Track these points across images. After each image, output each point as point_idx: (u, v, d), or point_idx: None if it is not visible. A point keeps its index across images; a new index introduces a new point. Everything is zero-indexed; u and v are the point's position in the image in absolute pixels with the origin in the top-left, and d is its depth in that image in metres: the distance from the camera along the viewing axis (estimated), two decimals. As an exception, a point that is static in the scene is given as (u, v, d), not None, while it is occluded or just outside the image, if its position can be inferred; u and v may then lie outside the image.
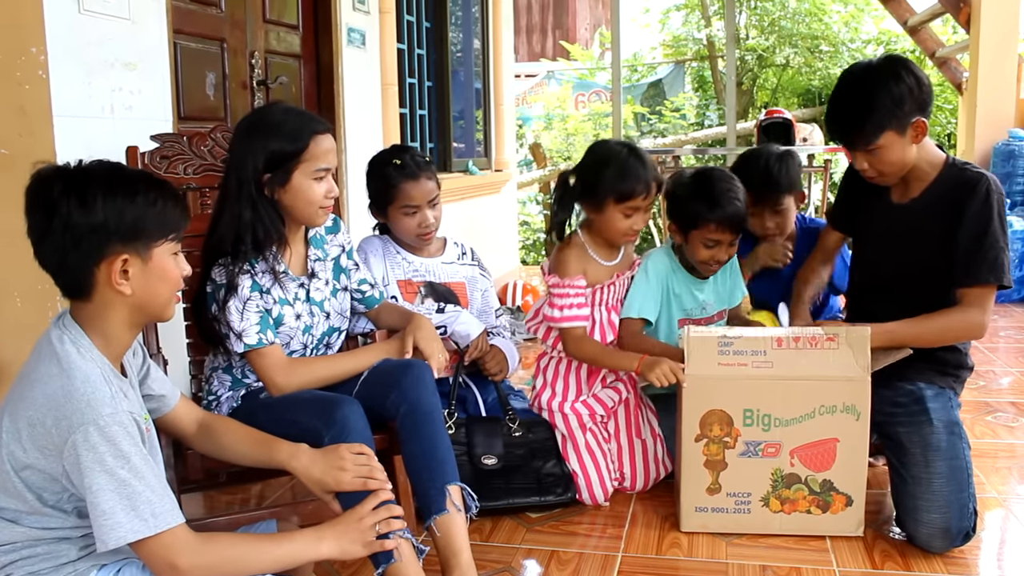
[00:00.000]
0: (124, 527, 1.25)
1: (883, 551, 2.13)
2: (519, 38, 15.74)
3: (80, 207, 1.29)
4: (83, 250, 1.31)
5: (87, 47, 2.32)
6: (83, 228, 1.29)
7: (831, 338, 2.13)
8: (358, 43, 3.95)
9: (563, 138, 12.20)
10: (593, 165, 2.35)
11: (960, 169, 2.18)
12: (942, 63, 7.18)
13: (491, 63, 6.08)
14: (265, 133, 1.88)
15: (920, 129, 2.11)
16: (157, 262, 1.37)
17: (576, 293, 2.37)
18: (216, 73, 3.07)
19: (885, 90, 2.07)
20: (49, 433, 1.26)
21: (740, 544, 2.19)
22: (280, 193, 1.90)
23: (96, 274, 1.33)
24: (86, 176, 1.32)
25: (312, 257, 2.07)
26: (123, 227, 1.31)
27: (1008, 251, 2.12)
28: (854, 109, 2.12)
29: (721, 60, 11.47)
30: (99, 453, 1.24)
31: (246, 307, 1.88)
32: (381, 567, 1.62)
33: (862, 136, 2.11)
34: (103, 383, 1.30)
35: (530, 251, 9.44)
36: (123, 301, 1.35)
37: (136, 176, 1.37)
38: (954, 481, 2.09)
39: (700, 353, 2.18)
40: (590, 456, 2.44)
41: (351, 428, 1.73)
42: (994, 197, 2.11)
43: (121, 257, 1.32)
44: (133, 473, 1.26)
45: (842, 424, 2.14)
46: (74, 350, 1.31)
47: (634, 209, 2.31)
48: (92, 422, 1.24)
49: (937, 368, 2.23)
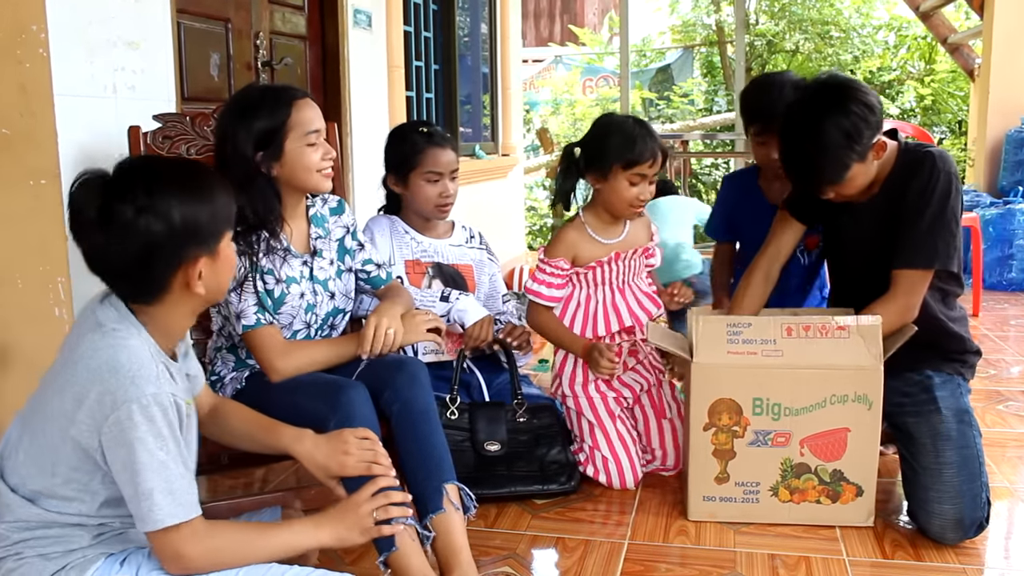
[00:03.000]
0: (163, 510, 1.24)
1: (893, 540, 2.11)
2: (527, 23, 15.64)
3: (158, 218, 1.26)
4: (162, 259, 1.29)
5: (89, 25, 2.28)
6: (163, 238, 1.27)
7: (842, 327, 2.10)
8: (364, 24, 3.91)
9: (570, 123, 12.14)
10: (599, 134, 2.37)
11: (910, 152, 2.11)
12: (954, 49, 7.11)
13: (498, 47, 6.05)
14: (246, 114, 1.85)
15: (880, 147, 2.03)
16: (223, 254, 1.37)
17: (552, 272, 2.42)
18: (220, 54, 3.03)
19: (838, 129, 1.95)
20: (91, 408, 1.24)
21: (748, 532, 2.16)
22: (277, 168, 1.88)
23: (172, 281, 1.31)
24: (154, 185, 1.28)
25: (314, 235, 2.04)
26: (201, 231, 1.31)
27: (951, 233, 2.03)
28: (810, 159, 2.00)
29: (730, 45, 11.37)
30: (141, 432, 1.23)
31: (243, 288, 1.85)
32: (383, 554, 1.60)
33: (826, 179, 2.02)
34: (150, 361, 1.28)
35: (537, 236, 9.40)
36: (194, 299, 1.35)
37: (195, 172, 1.35)
38: (965, 470, 2.05)
39: (708, 341, 2.15)
40: (620, 441, 2.43)
41: (356, 413, 1.71)
42: (939, 176, 2.03)
43: (200, 260, 1.32)
44: (169, 457, 1.25)
45: (853, 413, 2.11)
46: (123, 327, 1.29)
47: (640, 176, 2.32)
48: (136, 400, 1.22)
49: (941, 355, 2.19)
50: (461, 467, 2.14)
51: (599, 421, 2.45)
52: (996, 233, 5.37)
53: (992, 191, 6.13)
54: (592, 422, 2.45)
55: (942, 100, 10.66)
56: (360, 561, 2.04)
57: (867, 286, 2.17)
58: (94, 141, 2.25)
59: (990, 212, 5.47)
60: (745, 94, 2.62)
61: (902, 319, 2.10)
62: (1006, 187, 5.96)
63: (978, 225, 4.81)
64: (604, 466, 2.42)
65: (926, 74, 10.94)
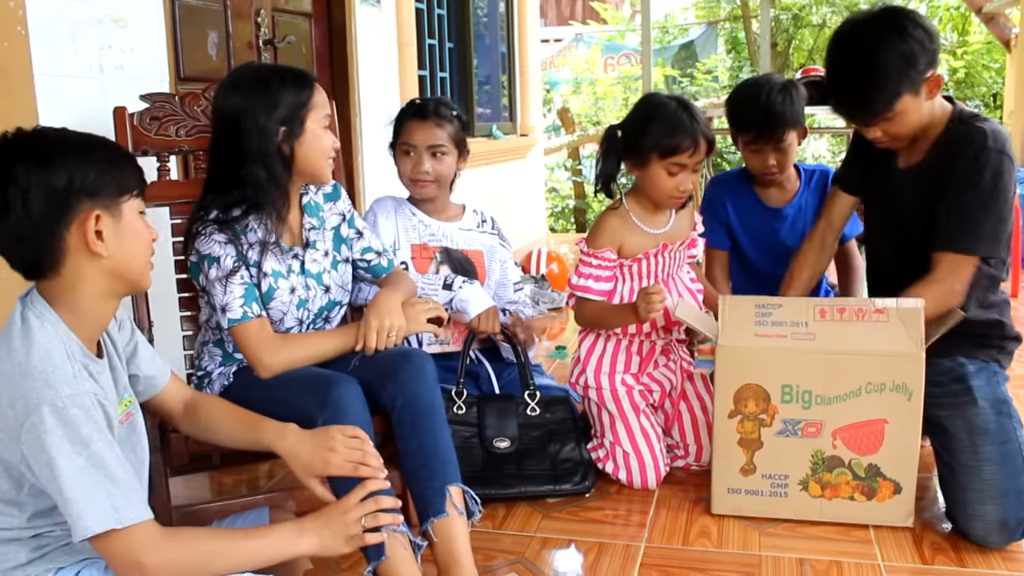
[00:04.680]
0: (88, 517, 1.15)
1: (933, 544, 1.96)
2: (547, 2, 15.48)
3: (40, 168, 1.19)
4: (50, 214, 1.21)
5: (71, 2, 2.18)
6: (47, 189, 1.19)
7: (880, 310, 1.95)
8: (373, 1, 3.79)
9: (592, 102, 12.02)
10: (639, 118, 2.22)
11: (963, 123, 1.98)
12: (989, 19, 6.88)
13: (516, 26, 5.97)
14: (270, 88, 1.76)
15: (935, 84, 1.92)
16: (129, 219, 1.28)
17: (598, 265, 2.26)
18: (219, 32, 2.92)
19: (893, 50, 1.86)
20: (5, 415, 1.16)
21: (775, 534, 2.03)
22: (297, 146, 1.80)
23: (67, 239, 1.22)
24: (38, 139, 1.23)
25: (307, 226, 1.93)
26: (87, 183, 1.22)
27: (999, 217, 1.91)
28: (861, 79, 1.91)
29: (755, 20, 11.15)
30: (56, 436, 1.14)
31: (229, 280, 1.75)
32: (371, 564, 1.49)
33: (875, 108, 1.91)
34: (65, 360, 1.20)
35: (558, 219, 9.29)
36: (98, 267, 1.25)
37: (86, 137, 1.28)
38: (1007, 466, 1.90)
39: (735, 322, 2.02)
40: (644, 437, 2.30)
41: (347, 409, 1.61)
42: (989, 155, 1.90)
43: (93, 213, 1.22)
44: (92, 461, 1.16)
45: (892, 404, 1.96)
46: (37, 324, 1.22)
47: (679, 166, 2.16)
48: (49, 402, 1.15)
49: (976, 341, 2.04)
50: (468, 466, 2.05)
51: (622, 414, 2.31)
52: (1035, 208, 5.14)
53: (1030, 166, 5.90)
54: (614, 414, 2.31)
55: (976, 73, 10.37)
56: (359, 565, 1.93)
57: (906, 267, 2.04)
58: (80, 123, 2.12)
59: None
60: (733, 103, 2.53)
61: (943, 304, 1.95)
62: (1045, 161, 5.73)
63: (1017, 202, 4.59)
64: (625, 462, 2.28)
65: (959, 46, 10.64)
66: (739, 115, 2.48)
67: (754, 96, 2.42)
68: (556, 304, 4.35)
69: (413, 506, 1.71)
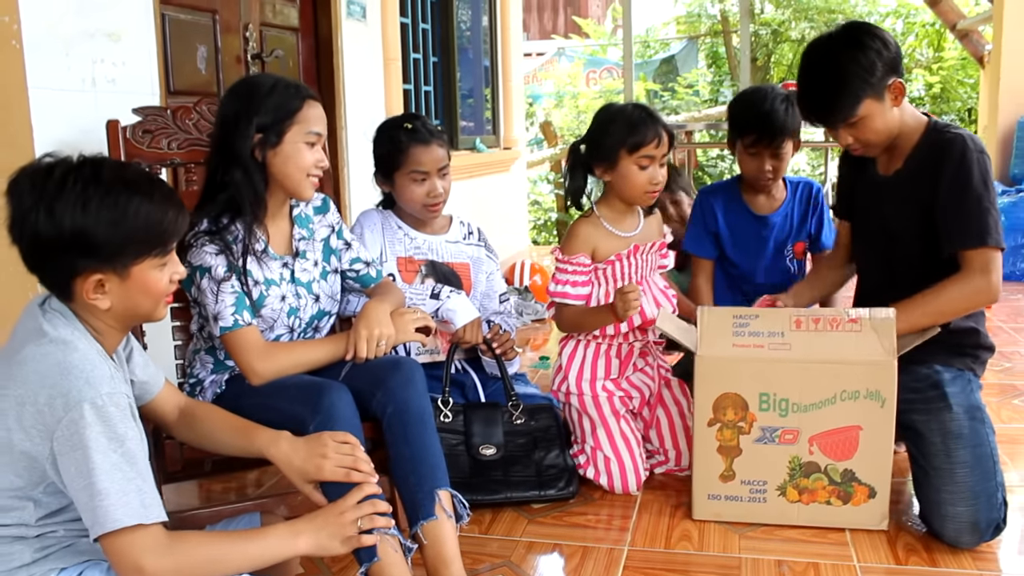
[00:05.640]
0: (119, 510, 1.18)
1: (906, 545, 2.01)
2: (530, 16, 15.57)
3: (49, 219, 1.22)
4: (55, 264, 1.26)
5: (65, 16, 2.21)
6: (50, 244, 1.23)
7: (853, 320, 2.01)
8: (359, 16, 3.83)
9: (574, 115, 12.08)
10: (600, 125, 2.31)
11: (939, 132, 2.07)
12: (963, 35, 6.99)
13: (499, 40, 6.00)
14: (259, 93, 1.81)
15: (898, 90, 2.03)
16: (137, 278, 1.30)
17: (574, 270, 2.32)
18: (208, 46, 2.95)
19: (852, 59, 1.99)
20: (41, 412, 1.19)
21: (754, 537, 2.07)
22: (271, 155, 1.82)
23: (72, 287, 1.27)
24: (61, 185, 1.23)
25: (297, 236, 1.96)
26: (96, 246, 1.24)
27: (995, 210, 1.99)
28: (825, 85, 2.04)
29: (735, 35, 11.27)
30: (95, 431, 1.18)
31: (221, 288, 1.78)
32: (364, 565, 1.52)
33: (840, 111, 2.02)
34: (102, 361, 1.25)
35: (541, 231, 9.33)
36: (103, 311, 1.30)
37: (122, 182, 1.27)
38: (979, 470, 1.95)
39: (713, 333, 2.07)
40: (624, 441, 2.34)
41: (338, 416, 1.64)
42: (972, 156, 1.99)
43: (94, 277, 1.26)
44: (126, 457, 1.20)
45: (865, 411, 2.01)
46: (68, 330, 1.26)
47: (649, 159, 2.25)
48: (90, 400, 1.19)
49: (952, 349, 2.10)
50: (455, 472, 2.07)
51: (603, 419, 2.35)
52: (1009, 222, 5.25)
53: (1004, 179, 6.01)
54: (595, 420, 2.36)
55: (951, 88, 10.52)
56: (348, 569, 1.96)
57: (894, 276, 2.11)
58: (73, 135, 2.18)
59: (1002, 201, 5.36)
60: (737, 106, 2.60)
61: (980, 299, 2.02)
62: (1018, 175, 5.85)
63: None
64: (606, 467, 2.33)
65: (934, 62, 10.81)
66: (743, 118, 2.55)
67: (759, 102, 2.50)
68: (539, 315, 4.38)
69: (402, 510, 1.74)
